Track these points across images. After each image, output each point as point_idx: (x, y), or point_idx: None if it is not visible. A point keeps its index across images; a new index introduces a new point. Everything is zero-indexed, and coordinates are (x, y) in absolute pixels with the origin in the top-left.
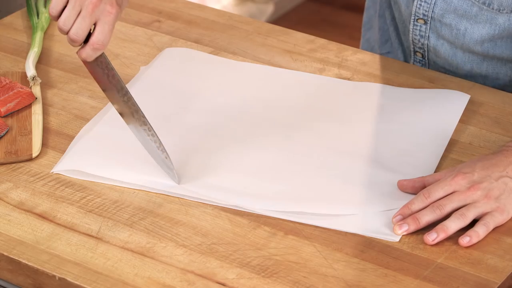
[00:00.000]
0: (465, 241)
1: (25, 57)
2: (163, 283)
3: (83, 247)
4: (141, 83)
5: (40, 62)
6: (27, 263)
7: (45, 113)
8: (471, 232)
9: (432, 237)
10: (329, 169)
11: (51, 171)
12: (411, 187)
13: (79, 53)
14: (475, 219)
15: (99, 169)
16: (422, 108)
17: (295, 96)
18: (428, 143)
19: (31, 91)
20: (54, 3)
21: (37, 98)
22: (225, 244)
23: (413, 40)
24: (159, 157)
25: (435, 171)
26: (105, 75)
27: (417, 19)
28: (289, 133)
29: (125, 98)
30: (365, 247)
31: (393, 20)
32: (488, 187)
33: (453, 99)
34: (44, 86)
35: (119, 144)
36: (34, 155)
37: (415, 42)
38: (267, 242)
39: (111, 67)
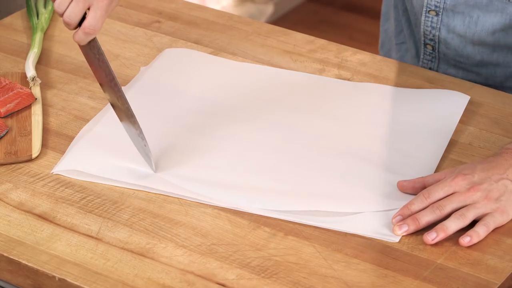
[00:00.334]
0: (465, 241)
1: (25, 58)
2: (163, 283)
3: (83, 248)
4: (141, 84)
5: (40, 62)
6: (27, 263)
7: (45, 114)
8: (471, 232)
9: (431, 237)
10: (328, 170)
11: (51, 172)
12: (411, 188)
13: (73, 36)
14: (474, 221)
15: (99, 170)
16: (422, 108)
17: (294, 96)
18: (428, 144)
19: (31, 92)
20: None
21: (37, 98)
22: (225, 244)
23: (424, 31)
24: (139, 143)
25: (435, 172)
26: (96, 59)
27: (428, 11)
28: (289, 134)
29: (111, 83)
30: (365, 248)
31: (405, 11)
32: (488, 189)
33: (453, 99)
34: (44, 86)
35: (119, 144)
36: (34, 156)
37: (426, 33)
38: (267, 242)
39: (102, 52)
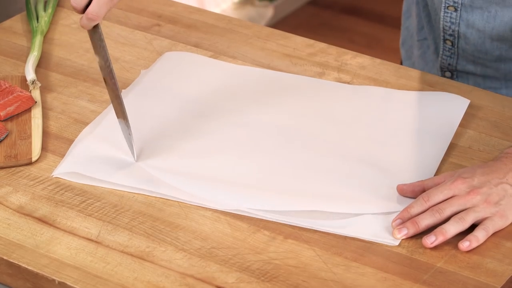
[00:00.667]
0: (464, 245)
1: (25, 61)
2: (162, 287)
3: (83, 251)
4: (141, 87)
5: (39, 66)
6: (26, 267)
7: (45, 117)
8: (470, 236)
9: (430, 240)
10: (327, 173)
11: (51, 175)
12: (410, 191)
13: (79, 21)
14: (473, 224)
15: (99, 172)
16: (422, 112)
17: (294, 99)
18: (427, 147)
19: (31, 95)
20: None
21: (36, 102)
22: (225, 248)
23: (443, 27)
24: (126, 131)
25: (435, 175)
26: (98, 45)
27: (447, 6)
28: (289, 137)
29: (108, 69)
30: (364, 251)
31: (426, 7)
32: (487, 192)
33: (453, 103)
34: (43, 90)
35: (119, 147)
36: (33, 159)
37: (446, 29)
38: (266, 246)
39: (103, 39)
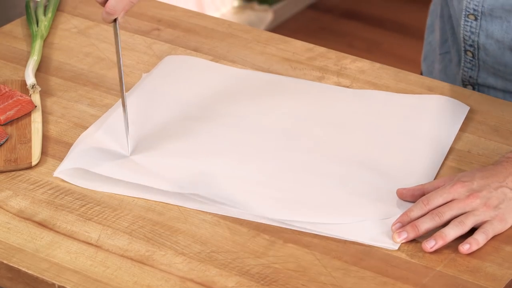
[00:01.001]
0: (465, 248)
1: (25, 65)
2: None
3: (83, 255)
4: (141, 90)
5: (39, 70)
6: (26, 271)
7: (45, 121)
8: (470, 239)
9: (430, 244)
10: (328, 177)
11: (53, 174)
12: (410, 196)
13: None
14: (473, 228)
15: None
16: (422, 116)
17: (294, 103)
18: (427, 152)
19: (31, 99)
20: None
21: (36, 106)
22: (224, 252)
23: (464, 37)
24: (126, 125)
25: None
26: (115, 39)
27: (467, 15)
28: (288, 141)
29: (118, 64)
30: (364, 255)
31: (450, 18)
32: (487, 196)
33: (453, 108)
34: (43, 94)
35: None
36: (33, 163)
37: (466, 39)
38: (266, 250)
39: (118, 33)
